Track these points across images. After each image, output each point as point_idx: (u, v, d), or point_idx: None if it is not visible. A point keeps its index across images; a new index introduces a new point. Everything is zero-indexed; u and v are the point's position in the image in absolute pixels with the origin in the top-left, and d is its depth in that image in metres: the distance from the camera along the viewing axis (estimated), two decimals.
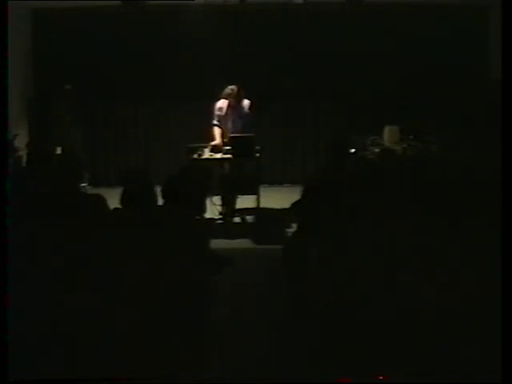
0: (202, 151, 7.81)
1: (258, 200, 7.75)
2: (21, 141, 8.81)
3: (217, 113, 8.01)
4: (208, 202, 4.95)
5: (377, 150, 7.85)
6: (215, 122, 8.02)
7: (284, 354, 4.04)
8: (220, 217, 7.89)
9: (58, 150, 8.25)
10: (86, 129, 10.21)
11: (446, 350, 3.75)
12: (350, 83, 9.94)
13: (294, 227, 5.79)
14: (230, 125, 7.92)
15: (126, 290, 3.80)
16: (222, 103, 8.01)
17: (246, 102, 7.98)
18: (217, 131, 7.98)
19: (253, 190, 7.75)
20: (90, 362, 3.60)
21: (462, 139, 8.58)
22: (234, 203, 8.13)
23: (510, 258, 3.46)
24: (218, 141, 7.89)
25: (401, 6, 9.92)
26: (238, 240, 7.13)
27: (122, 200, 4.26)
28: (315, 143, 10.27)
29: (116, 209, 4.33)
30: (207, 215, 5.00)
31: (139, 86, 10.08)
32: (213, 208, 7.59)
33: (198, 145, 7.90)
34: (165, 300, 3.84)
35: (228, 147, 7.70)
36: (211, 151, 7.79)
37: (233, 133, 7.84)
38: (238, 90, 7.89)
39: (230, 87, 7.89)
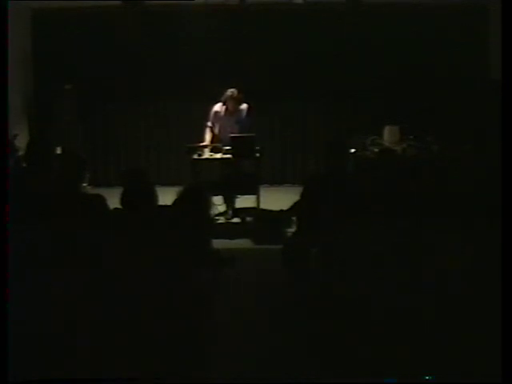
0: (202, 151, 7.82)
1: (257, 200, 7.76)
2: (21, 141, 8.81)
3: (213, 116, 8.01)
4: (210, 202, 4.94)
5: (377, 150, 7.84)
6: (209, 125, 8.02)
7: (284, 353, 4.03)
8: (220, 217, 7.90)
9: (58, 150, 8.25)
10: (86, 129, 10.21)
11: (446, 350, 3.76)
12: (350, 83, 9.94)
13: (293, 227, 5.78)
14: (226, 129, 7.88)
15: (125, 290, 3.80)
16: (219, 107, 7.99)
17: (243, 107, 7.95)
18: (208, 134, 8.00)
19: (253, 190, 7.76)
20: (90, 362, 3.61)
21: (462, 139, 8.57)
22: (233, 203, 8.14)
23: (510, 257, 3.46)
24: (206, 143, 7.92)
25: (401, 5, 9.92)
26: (237, 240, 7.13)
27: (122, 200, 4.26)
28: (315, 143, 10.26)
29: (116, 209, 4.33)
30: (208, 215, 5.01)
31: (139, 85, 10.09)
32: (213, 208, 7.59)
33: (197, 145, 7.91)
34: (164, 300, 3.84)
35: (220, 151, 7.71)
36: (211, 151, 7.79)
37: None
38: (238, 93, 7.87)
39: (230, 90, 7.86)
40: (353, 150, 7.82)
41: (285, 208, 6.04)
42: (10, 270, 3.46)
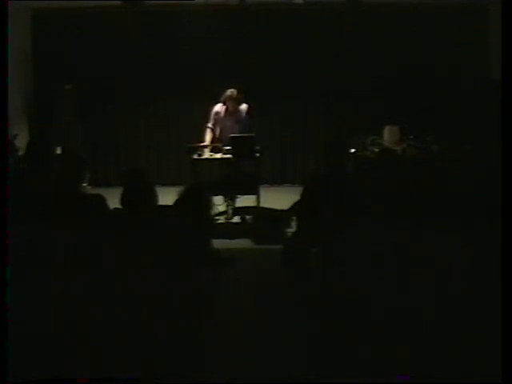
0: (202, 151, 7.82)
1: (258, 200, 7.76)
2: (21, 141, 8.81)
3: (213, 117, 8.03)
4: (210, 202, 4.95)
5: (377, 150, 7.84)
6: (209, 126, 8.04)
7: (284, 353, 4.03)
8: (220, 217, 7.91)
9: (58, 150, 8.25)
10: (86, 129, 10.20)
11: (445, 350, 3.75)
12: (350, 83, 9.93)
13: (293, 227, 5.78)
14: (226, 130, 7.91)
15: (125, 290, 3.80)
16: (219, 107, 8.02)
17: (243, 107, 7.97)
18: (208, 134, 8.01)
19: (253, 190, 7.76)
20: (90, 362, 3.61)
21: (462, 139, 8.57)
22: (234, 203, 8.14)
23: (510, 257, 3.46)
24: (206, 143, 7.94)
25: (401, 5, 9.92)
26: (237, 240, 7.13)
27: (123, 200, 4.26)
28: (315, 143, 10.26)
29: (116, 209, 4.33)
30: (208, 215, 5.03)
31: (139, 85, 10.09)
32: (213, 208, 7.59)
33: (197, 145, 7.92)
34: (164, 300, 3.84)
35: (220, 151, 7.72)
36: (211, 151, 7.80)
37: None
38: (237, 93, 7.89)
39: (230, 90, 7.90)
40: (353, 150, 7.82)
41: (285, 208, 6.04)
42: (10, 270, 3.46)
